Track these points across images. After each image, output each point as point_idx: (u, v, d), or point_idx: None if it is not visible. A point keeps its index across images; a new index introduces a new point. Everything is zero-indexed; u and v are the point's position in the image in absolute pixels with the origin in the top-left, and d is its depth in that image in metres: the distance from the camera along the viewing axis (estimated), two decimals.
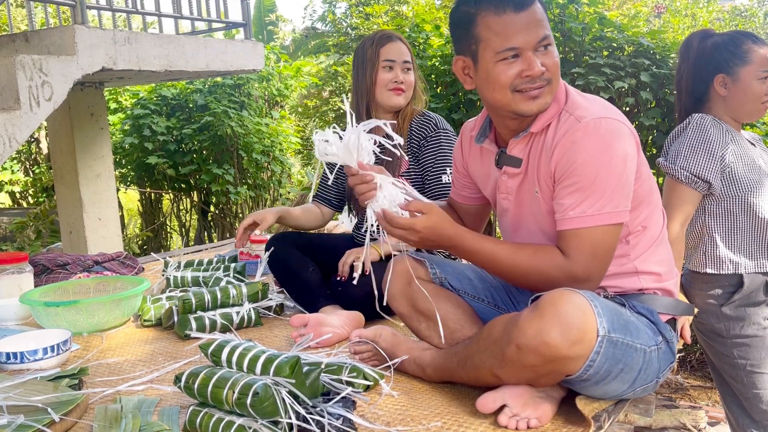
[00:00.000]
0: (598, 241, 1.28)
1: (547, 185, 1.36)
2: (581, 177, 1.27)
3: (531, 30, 1.29)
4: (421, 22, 4.38)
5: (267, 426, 1.17)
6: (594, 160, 1.26)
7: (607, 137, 1.28)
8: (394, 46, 2.26)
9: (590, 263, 1.28)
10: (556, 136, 1.33)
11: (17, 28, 6.92)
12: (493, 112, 1.43)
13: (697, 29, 2.50)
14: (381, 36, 2.29)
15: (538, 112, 1.34)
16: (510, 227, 1.50)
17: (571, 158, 1.28)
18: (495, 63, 1.31)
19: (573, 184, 1.28)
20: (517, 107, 1.33)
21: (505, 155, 1.44)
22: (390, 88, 2.24)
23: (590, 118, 1.30)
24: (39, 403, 1.29)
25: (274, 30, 12.60)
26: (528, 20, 1.29)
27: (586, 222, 1.27)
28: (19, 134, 2.52)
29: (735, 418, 1.96)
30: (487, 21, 1.31)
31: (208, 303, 2.06)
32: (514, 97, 1.32)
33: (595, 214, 1.27)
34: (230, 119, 5.28)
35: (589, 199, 1.27)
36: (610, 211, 1.27)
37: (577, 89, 1.42)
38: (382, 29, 2.36)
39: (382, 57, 2.24)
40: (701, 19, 8.38)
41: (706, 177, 1.80)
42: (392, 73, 2.24)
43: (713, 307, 1.90)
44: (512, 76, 1.30)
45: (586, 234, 1.28)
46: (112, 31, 3.01)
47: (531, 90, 1.31)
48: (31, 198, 6.90)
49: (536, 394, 1.27)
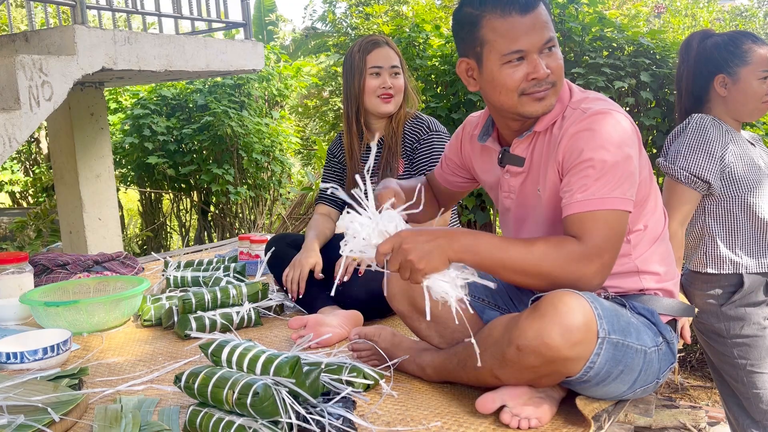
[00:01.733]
0: (611, 222, 1.24)
1: (552, 180, 1.35)
2: (589, 164, 1.26)
3: (536, 32, 1.29)
4: (421, 22, 4.38)
5: (267, 426, 1.17)
6: (601, 148, 1.26)
7: (613, 127, 1.28)
8: (381, 52, 2.25)
9: (604, 243, 1.23)
10: (561, 131, 1.33)
11: (17, 28, 6.93)
12: (497, 113, 1.43)
13: (697, 29, 2.49)
14: (367, 42, 2.28)
15: (543, 113, 1.35)
16: (512, 225, 1.51)
17: (578, 146, 1.28)
18: (500, 65, 1.31)
19: (582, 170, 1.27)
20: (523, 109, 1.33)
21: (508, 154, 1.44)
22: (378, 95, 2.24)
23: (596, 108, 1.31)
24: (39, 403, 1.29)
25: (274, 30, 12.61)
26: (533, 22, 1.29)
27: (596, 204, 1.24)
28: (19, 134, 2.52)
29: (735, 418, 1.96)
30: (492, 23, 1.30)
31: (208, 303, 2.06)
32: (520, 100, 1.32)
33: (605, 197, 1.24)
34: (230, 119, 5.28)
35: (597, 183, 1.25)
36: (619, 196, 1.25)
37: (578, 87, 1.43)
38: (369, 35, 2.35)
39: (369, 64, 2.24)
40: (701, 19, 8.38)
41: (706, 177, 1.80)
42: (380, 80, 2.23)
43: (713, 307, 1.90)
44: (519, 80, 1.31)
45: (600, 216, 1.24)
46: (112, 31, 3.01)
47: (537, 93, 1.31)
48: (31, 198, 6.90)
49: (536, 394, 1.27)
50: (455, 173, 1.69)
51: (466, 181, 1.70)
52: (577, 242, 1.23)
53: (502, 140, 1.49)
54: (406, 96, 2.31)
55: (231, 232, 5.90)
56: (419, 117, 2.31)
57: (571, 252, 1.22)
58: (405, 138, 2.28)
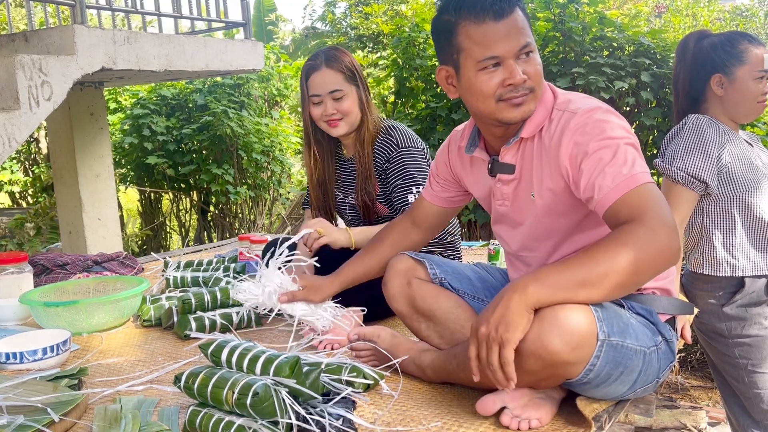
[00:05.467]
0: (648, 193, 1.20)
1: (550, 186, 1.35)
2: (599, 153, 1.24)
3: (511, 38, 1.29)
4: (421, 21, 4.38)
5: (267, 426, 1.17)
6: (607, 138, 1.25)
7: (607, 117, 1.29)
8: (318, 78, 2.09)
9: (655, 210, 1.18)
10: (554, 135, 1.32)
11: (16, 28, 6.92)
12: (479, 120, 1.44)
13: (697, 29, 2.50)
14: (307, 66, 2.13)
15: (521, 119, 1.34)
16: (509, 231, 1.50)
17: (584, 141, 1.27)
18: (476, 72, 1.31)
19: (596, 161, 1.25)
20: (501, 115, 1.33)
21: (497, 163, 1.43)
22: (325, 121, 2.12)
23: (586, 107, 1.31)
24: (39, 403, 1.29)
25: (274, 30, 12.61)
26: (508, 28, 1.29)
27: (628, 184, 1.20)
28: (18, 134, 2.52)
29: (736, 418, 1.96)
30: (467, 30, 1.30)
31: (207, 303, 2.06)
32: (498, 106, 1.32)
33: (632, 174, 1.21)
34: (230, 119, 5.28)
35: (615, 166, 1.22)
36: (639, 171, 1.22)
37: (561, 89, 1.43)
38: (313, 54, 2.21)
39: (309, 92, 2.11)
40: (702, 19, 8.38)
41: (703, 177, 1.80)
42: (321, 108, 2.10)
43: (714, 308, 1.90)
44: (495, 86, 1.30)
45: (635, 193, 1.20)
46: (111, 30, 3.01)
47: (514, 98, 1.31)
48: (30, 198, 6.90)
49: (536, 395, 1.27)
50: (447, 188, 1.67)
51: (460, 194, 1.67)
52: (634, 224, 1.17)
53: (490, 149, 1.48)
54: (365, 111, 2.14)
55: (231, 232, 5.90)
56: (390, 132, 2.16)
57: (634, 235, 1.15)
58: (375, 157, 2.16)
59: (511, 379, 1.12)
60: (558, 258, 1.42)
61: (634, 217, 1.18)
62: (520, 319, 1.12)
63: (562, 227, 1.39)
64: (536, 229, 1.42)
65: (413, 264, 1.58)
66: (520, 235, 1.47)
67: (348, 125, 2.13)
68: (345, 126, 2.13)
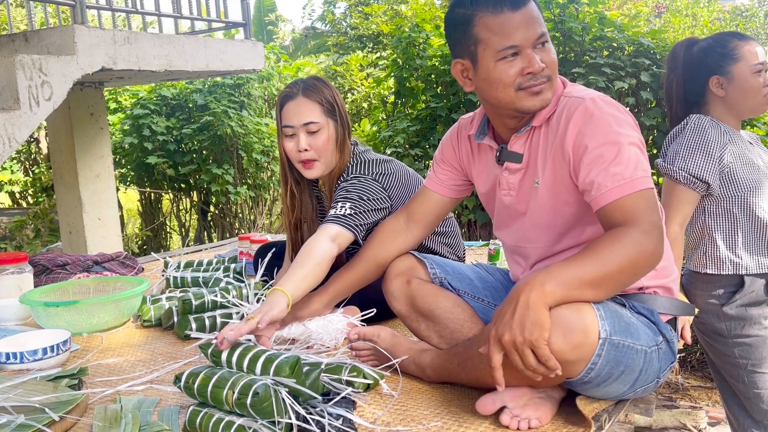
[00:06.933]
0: (645, 199, 1.24)
1: (552, 171, 1.35)
2: (605, 151, 1.25)
3: (529, 27, 1.30)
4: (421, 21, 4.38)
5: (267, 426, 1.17)
6: (612, 131, 1.26)
7: (615, 109, 1.30)
8: (291, 106, 1.89)
9: (649, 215, 1.22)
10: (561, 120, 1.33)
11: (17, 28, 6.93)
12: (494, 111, 1.43)
13: (698, 29, 2.50)
14: (283, 94, 1.93)
15: (540, 108, 1.35)
16: (511, 221, 1.50)
17: (588, 132, 1.28)
18: (495, 62, 1.32)
19: (598, 157, 1.26)
20: (521, 104, 1.34)
21: (506, 151, 1.44)
22: (299, 160, 1.92)
23: (590, 96, 1.32)
24: (39, 403, 1.29)
25: (274, 30, 12.61)
26: (525, 18, 1.30)
27: (627, 189, 1.23)
28: (18, 134, 2.52)
29: (735, 418, 1.96)
30: (485, 21, 1.31)
31: (207, 303, 2.06)
32: (518, 95, 1.33)
33: (632, 179, 1.24)
34: (230, 119, 5.28)
35: (618, 167, 1.24)
36: (643, 176, 1.24)
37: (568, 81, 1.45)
38: (291, 82, 1.99)
39: (282, 122, 1.91)
40: (702, 19, 8.38)
41: (704, 177, 1.80)
42: (294, 141, 1.89)
43: (714, 307, 1.90)
44: (514, 75, 1.31)
45: (632, 198, 1.23)
46: (111, 30, 3.01)
47: (533, 86, 1.32)
48: (30, 198, 6.90)
49: (536, 394, 1.27)
50: (454, 174, 1.64)
51: (466, 182, 1.65)
52: (630, 227, 1.20)
53: (498, 138, 1.49)
54: (342, 151, 1.94)
55: (231, 232, 5.90)
56: (355, 160, 1.97)
57: (632, 237, 1.18)
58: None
59: (555, 368, 1.11)
60: (560, 250, 1.42)
61: (627, 221, 1.21)
62: (545, 317, 1.12)
63: (565, 216, 1.39)
64: (539, 217, 1.42)
65: (414, 264, 1.57)
66: (522, 224, 1.46)
67: (324, 165, 1.93)
68: (321, 167, 1.92)
